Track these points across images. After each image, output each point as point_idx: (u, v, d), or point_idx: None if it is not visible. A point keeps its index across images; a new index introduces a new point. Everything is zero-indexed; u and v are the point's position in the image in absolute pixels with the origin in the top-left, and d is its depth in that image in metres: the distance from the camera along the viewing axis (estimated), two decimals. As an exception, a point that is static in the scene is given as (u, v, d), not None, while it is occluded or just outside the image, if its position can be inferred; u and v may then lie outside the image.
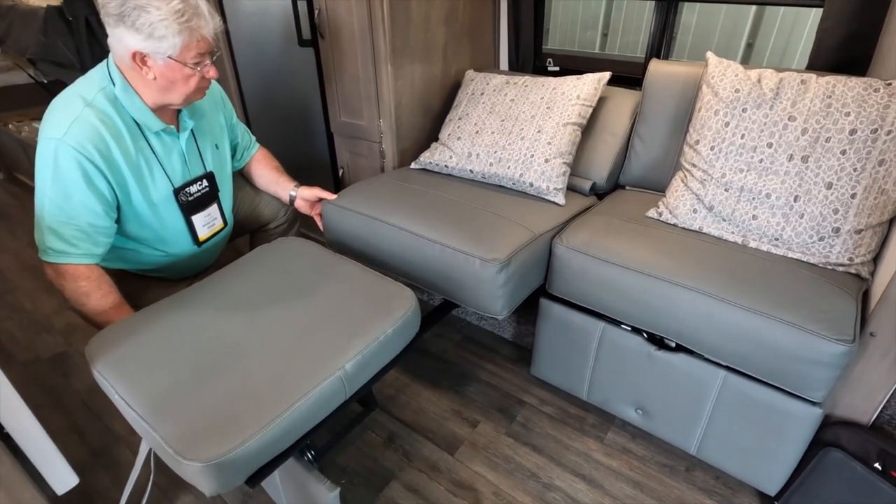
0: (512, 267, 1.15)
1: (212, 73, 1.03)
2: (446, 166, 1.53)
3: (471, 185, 1.48)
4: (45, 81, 2.83)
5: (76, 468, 1.02)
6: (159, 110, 1.06)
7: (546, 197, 1.39)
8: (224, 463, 0.72)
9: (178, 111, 1.12)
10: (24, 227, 2.48)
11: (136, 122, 1.03)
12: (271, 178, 1.40)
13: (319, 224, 1.45)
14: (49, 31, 1.93)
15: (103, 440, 1.34)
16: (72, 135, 0.94)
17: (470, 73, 1.73)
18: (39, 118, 2.87)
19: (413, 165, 1.63)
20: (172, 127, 1.10)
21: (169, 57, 0.95)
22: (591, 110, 1.45)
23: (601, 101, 1.56)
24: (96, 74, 1.02)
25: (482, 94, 1.62)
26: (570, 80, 1.47)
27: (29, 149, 2.63)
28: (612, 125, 1.54)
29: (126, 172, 1.03)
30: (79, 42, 1.81)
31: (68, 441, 1.34)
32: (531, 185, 1.38)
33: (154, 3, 0.90)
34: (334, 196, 1.38)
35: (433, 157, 1.58)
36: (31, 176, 2.93)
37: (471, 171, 1.49)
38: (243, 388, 0.82)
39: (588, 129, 1.53)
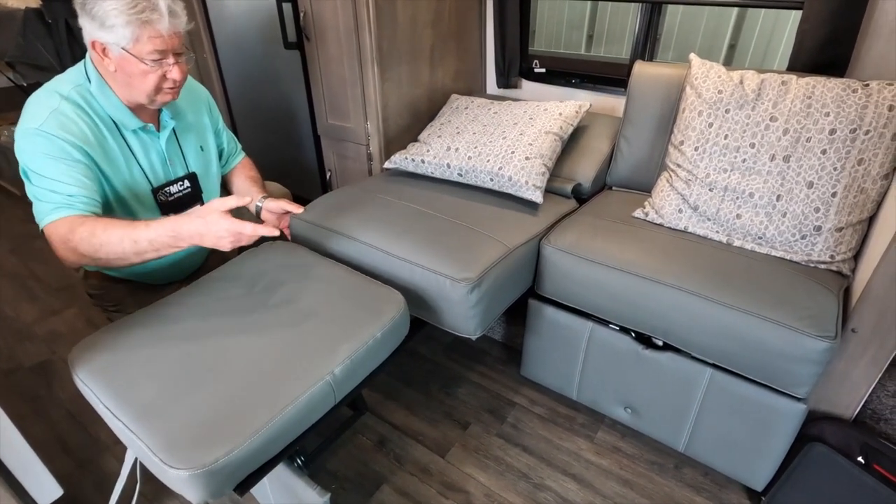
0: (484, 286, 1.09)
1: (175, 73, 0.99)
2: (423, 161, 1.48)
3: (444, 194, 1.42)
4: (25, 84, 2.77)
5: (60, 479, 1.01)
6: (137, 109, 1.04)
7: (524, 195, 1.35)
8: (212, 471, 0.71)
9: (160, 110, 1.11)
10: (4, 233, 2.43)
11: (112, 119, 1.02)
12: (243, 188, 1.34)
13: (288, 237, 1.40)
14: (28, 33, 1.90)
15: (88, 450, 1.32)
16: (50, 124, 0.93)
17: (454, 96, 1.75)
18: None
19: (386, 164, 1.56)
20: (152, 125, 1.08)
21: (123, 49, 0.93)
22: (571, 128, 1.49)
23: (584, 127, 1.62)
24: (73, 72, 1.01)
25: (466, 108, 1.65)
26: (553, 102, 1.53)
27: (9, 152, 2.58)
28: (594, 141, 1.58)
29: (105, 168, 1.01)
30: (58, 44, 1.78)
31: (52, 451, 1.32)
32: (510, 178, 1.35)
33: None
34: (301, 209, 1.28)
35: (409, 153, 1.53)
36: (11, 181, 2.87)
37: (448, 165, 1.44)
38: (231, 394, 0.81)
39: (569, 146, 1.57)
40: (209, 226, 0.92)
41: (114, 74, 0.98)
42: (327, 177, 1.93)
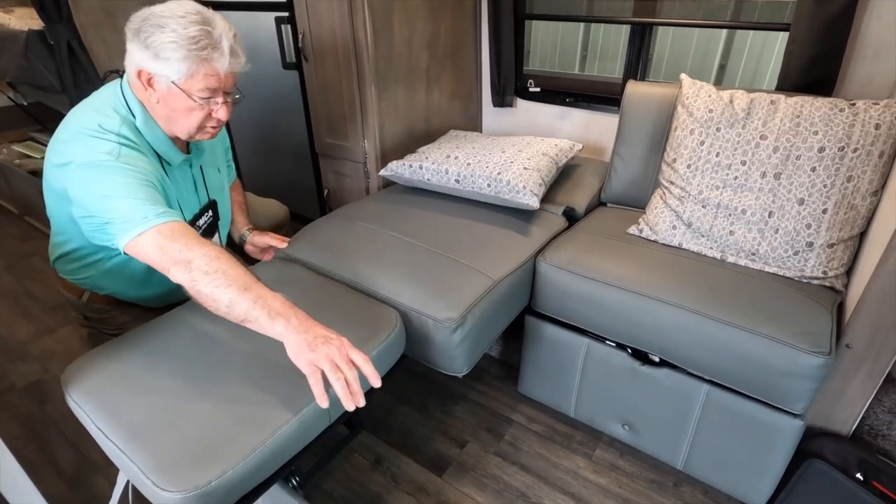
0: (468, 324, 1.06)
1: (222, 113, 0.95)
2: (421, 167, 1.48)
3: (434, 214, 1.41)
4: (25, 104, 2.80)
5: (51, 500, 0.99)
6: (175, 140, 1.00)
7: (521, 199, 1.33)
8: (205, 493, 0.70)
9: None
10: (0, 251, 2.42)
11: (157, 154, 0.97)
12: (231, 213, 1.29)
13: None
14: (30, 55, 1.93)
15: (80, 471, 1.30)
16: (125, 158, 0.87)
17: (452, 131, 1.79)
18: (19, 140, 2.83)
19: (382, 172, 1.55)
20: (189, 156, 1.05)
21: (173, 82, 0.88)
22: (565, 160, 1.55)
23: (576, 166, 1.72)
24: (109, 101, 0.93)
25: (465, 136, 1.69)
26: (550, 138, 1.61)
27: (6, 171, 2.59)
28: (586, 178, 1.65)
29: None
30: (60, 66, 1.80)
31: (43, 472, 1.30)
32: (508, 182, 1.33)
33: (172, 25, 0.84)
34: (285, 244, 1.23)
35: (407, 160, 1.52)
36: (9, 199, 2.86)
37: (446, 170, 1.43)
38: (225, 414, 0.81)
39: (562, 180, 1.63)
40: (329, 333, 0.80)
41: (155, 106, 0.93)
42: (325, 194, 1.94)
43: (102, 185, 0.84)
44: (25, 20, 2.11)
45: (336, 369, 0.75)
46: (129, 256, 0.86)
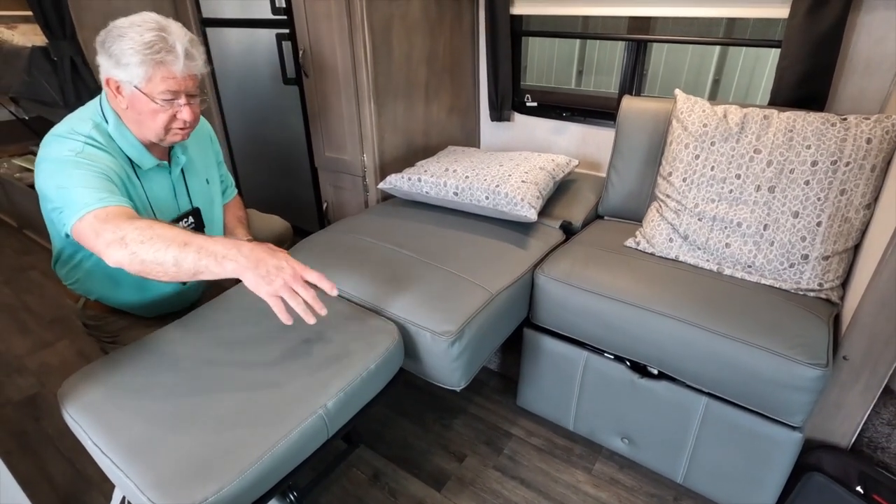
0: (466, 337, 1.06)
1: (185, 114, 0.99)
2: (419, 179, 1.49)
3: (431, 227, 1.42)
4: (27, 118, 2.82)
5: (45, 518, 0.98)
6: (150, 146, 1.05)
7: (519, 212, 1.34)
8: (202, 509, 0.70)
9: (171, 146, 1.11)
10: (-1, 265, 2.42)
11: (129, 158, 1.02)
12: (229, 227, 1.33)
13: None
14: (34, 70, 1.95)
15: (75, 486, 1.29)
16: (84, 155, 0.93)
17: (451, 146, 1.83)
18: (20, 154, 2.84)
19: (381, 185, 1.57)
20: (165, 162, 1.09)
21: (135, 87, 0.94)
22: (562, 174, 1.57)
23: (573, 181, 1.74)
24: (88, 111, 1.01)
25: (462, 151, 1.71)
26: (546, 154, 1.63)
27: (6, 185, 2.60)
28: (583, 192, 1.67)
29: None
30: (63, 81, 1.82)
31: (38, 488, 1.28)
32: (506, 195, 1.35)
33: (130, 33, 0.91)
34: None
35: (406, 172, 1.54)
36: (8, 212, 2.87)
37: (444, 183, 1.45)
38: (222, 429, 0.81)
39: (559, 194, 1.64)
40: (275, 253, 0.86)
41: (125, 112, 0.99)
42: (324, 208, 1.95)
43: (59, 177, 0.90)
44: (29, 36, 2.14)
45: (294, 295, 0.83)
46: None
